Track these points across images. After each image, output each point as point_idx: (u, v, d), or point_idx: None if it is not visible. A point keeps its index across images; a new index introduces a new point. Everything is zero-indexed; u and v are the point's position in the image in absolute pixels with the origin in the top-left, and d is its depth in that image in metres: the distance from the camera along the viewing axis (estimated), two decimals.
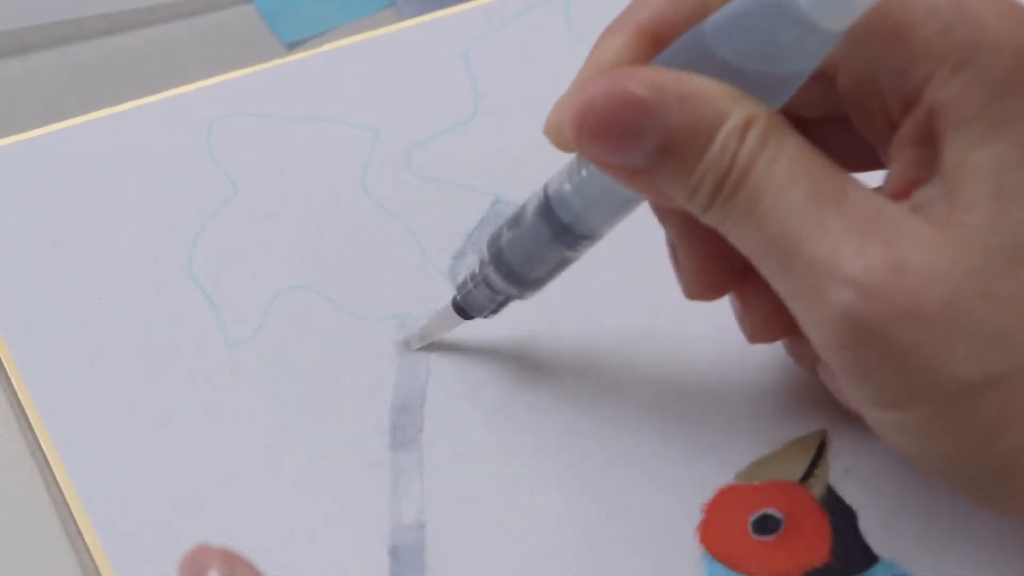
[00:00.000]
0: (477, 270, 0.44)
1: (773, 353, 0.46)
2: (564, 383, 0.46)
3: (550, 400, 0.46)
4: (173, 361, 0.46)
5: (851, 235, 0.37)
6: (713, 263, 0.43)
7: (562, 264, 0.43)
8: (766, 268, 0.38)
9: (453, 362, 0.47)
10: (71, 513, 0.44)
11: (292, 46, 0.55)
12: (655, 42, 0.40)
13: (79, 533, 0.43)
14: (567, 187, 0.41)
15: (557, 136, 0.41)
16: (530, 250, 0.42)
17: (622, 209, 0.41)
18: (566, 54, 0.53)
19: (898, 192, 0.39)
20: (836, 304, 0.37)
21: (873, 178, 0.40)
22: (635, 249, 0.48)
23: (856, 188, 0.38)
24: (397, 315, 0.48)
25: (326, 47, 0.54)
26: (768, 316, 0.43)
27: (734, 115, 0.37)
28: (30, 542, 0.44)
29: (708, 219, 0.39)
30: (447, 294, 0.47)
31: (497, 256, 0.43)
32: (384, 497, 0.44)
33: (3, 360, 0.46)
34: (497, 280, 0.43)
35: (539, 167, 0.42)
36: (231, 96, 0.52)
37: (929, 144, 0.38)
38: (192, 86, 0.52)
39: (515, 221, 0.42)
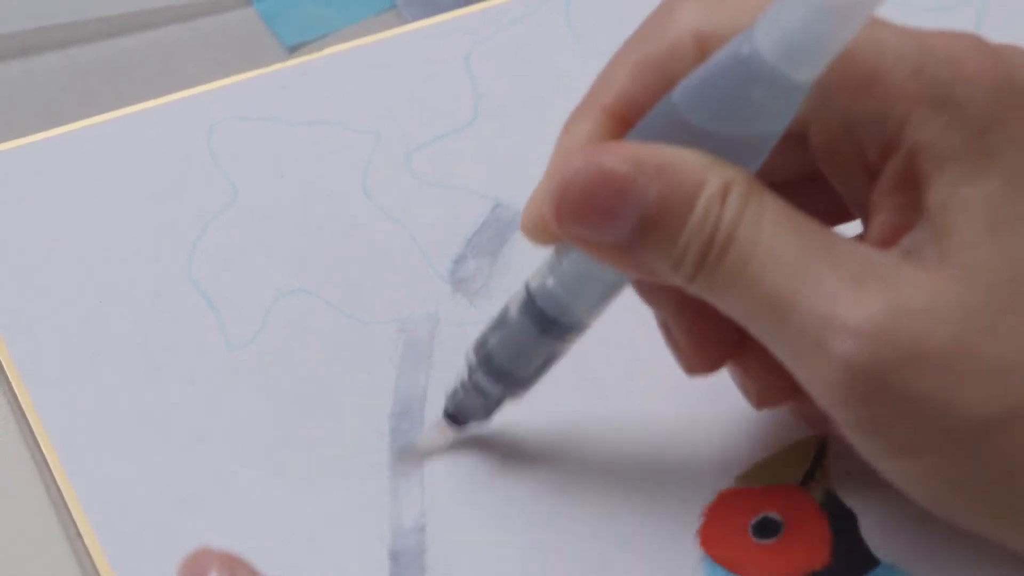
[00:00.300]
0: (466, 377, 0.43)
1: None
2: (565, 385, 0.46)
3: (551, 403, 0.46)
4: (173, 364, 0.46)
5: (847, 286, 0.36)
6: (708, 335, 0.42)
7: (551, 359, 0.42)
8: (761, 331, 0.38)
9: (454, 365, 0.47)
10: (71, 514, 0.44)
11: (293, 49, 0.55)
12: (623, 122, 0.39)
13: (79, 534, 0.43)
14: (549, 281, 0.41)
15: (534, 229, 0.40)
16: (518, 348, 0.42)
17: (607, 295, 0.41)
18: (567, 57, 0.54)
19: (885, 240, 0.38)
20: (839, 356, 0.36)
21: (847, 230, 0.40)
22: None
23: (843, 241, 0.37)
24: (397, 318, 0.48)
25: (327, 51, 0.54)
26: (773, 380, 0.42)
27: (711, 181, 0.37)
28: (30, 543, 0.44)
29: (695, 289, 0.38)
30: (447, 298, 0.47)
31: (486, 360, 0.42)
32: (384, 500, 0.44)
33: (3, 362, 0.46)
34: (487, 383, 0.43)
35: (540, 170, 0.42)
36: (232, 99, 0.52)
37: (912, 188, 0.38)
38: (193, 90, 0.52)
39: (499, 323, 0.42)
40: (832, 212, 0.41)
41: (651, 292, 0.42)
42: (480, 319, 0.47)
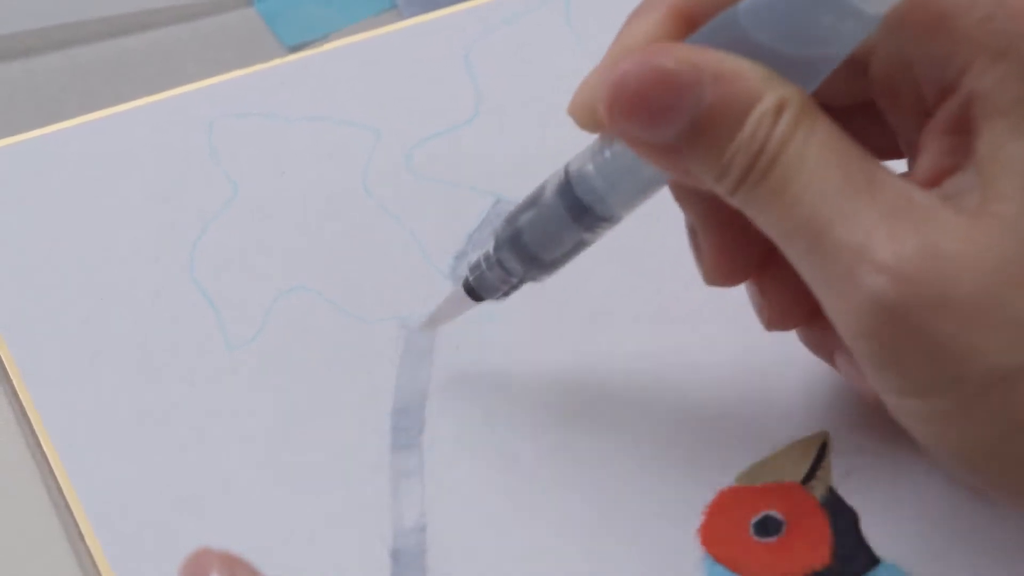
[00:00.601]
0: (491, 251, 0.43)
1: (775, 355, 0.46)
2: (565, 385, 0.46)
3: (551, 402, 0.46)
4: (174, 362, 0.46)
5: (883, 221, 0.36)
6: (734, 248, 0.42)
7: (579, 247, 0.42)
8: (793, 252, 0.38)
9: (455, 364, 0.47)
10: (71, 514, 0.44)
11: (294, 49, 0.55)
12: (687, 23, 0.39)
13: (79, 535, 0.43)
14: (589, 168, 0.40)
15: (583, 115, 0.40)
16: (548, 231, 0.42)
17: (644, 191, 0.41)
18: (567, 54, 0.53)
19: (928, 180, 0.39)
20: (867, 289, 0.36)
21: (894, 168, 0.40)
22: (640, 249, 0.48)
23: (887, 175, 0.37)
24: (398, 316, 0.48)
25: (327, 46, 0.54)
26: (787, 304, 0.43)
27: (767, 97, 0.37)
28: (30, 543, 0.44)
29: (736, 201, 0.38)
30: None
31: (515, 236, 0.42)
32: (385, 499, 0.44)
33: (4, 361, 0.46)
34: (512, 261, 0.43)
35: (540, 167, 0.42)
36: (232, 96, 0.52)
37: (963, 133, 0.38)
38: (192, 86, 0.52)
39: (532, 201, 0.42)
40: (882, 147, 0.41)
41: (687, 196, 0.42)
42: (481, 317, 0.47)
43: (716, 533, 0.44)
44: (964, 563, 0.43)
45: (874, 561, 0.43)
